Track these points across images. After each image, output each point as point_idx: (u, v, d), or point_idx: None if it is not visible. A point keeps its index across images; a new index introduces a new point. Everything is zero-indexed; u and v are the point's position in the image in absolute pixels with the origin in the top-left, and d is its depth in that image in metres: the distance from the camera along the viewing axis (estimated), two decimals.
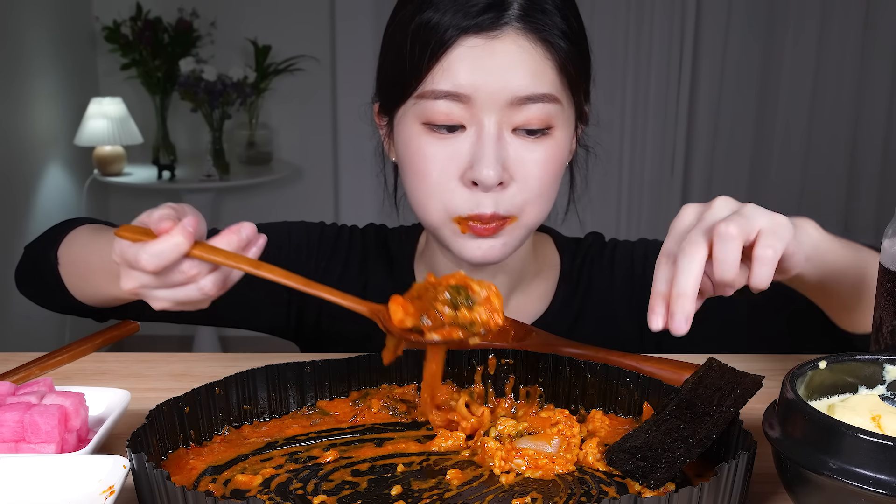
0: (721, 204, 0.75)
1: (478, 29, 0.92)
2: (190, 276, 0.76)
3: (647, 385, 0.79)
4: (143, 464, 0.62)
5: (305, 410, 0.82)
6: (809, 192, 4.09)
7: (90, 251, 0.99)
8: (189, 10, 3.69)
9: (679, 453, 0.68)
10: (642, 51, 3.94)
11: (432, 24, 0.93)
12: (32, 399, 0.75)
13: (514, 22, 0.93)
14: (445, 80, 0.93)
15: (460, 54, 0.92)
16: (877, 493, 0.56)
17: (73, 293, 1.03)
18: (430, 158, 0.96)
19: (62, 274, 1.03)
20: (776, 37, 3.93)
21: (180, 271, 0.75)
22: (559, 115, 0.96)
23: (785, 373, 0.67)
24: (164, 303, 0.79)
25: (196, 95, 3.57)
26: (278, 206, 3.98)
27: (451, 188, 0.96)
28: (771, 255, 0.71)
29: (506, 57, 0.92)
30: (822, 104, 3.99)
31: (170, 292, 0.77)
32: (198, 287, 0.77)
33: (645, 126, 4.03)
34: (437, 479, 0.70)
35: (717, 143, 4.06)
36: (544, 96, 0.94)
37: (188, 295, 0.77)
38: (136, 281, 0.77)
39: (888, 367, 0.71)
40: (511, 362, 0.85)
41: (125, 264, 0.77)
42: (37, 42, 3.31)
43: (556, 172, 0.99)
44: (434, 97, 0.93)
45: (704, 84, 3.98)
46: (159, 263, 0.74)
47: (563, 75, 0.96)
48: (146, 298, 0.79)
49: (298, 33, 3.85)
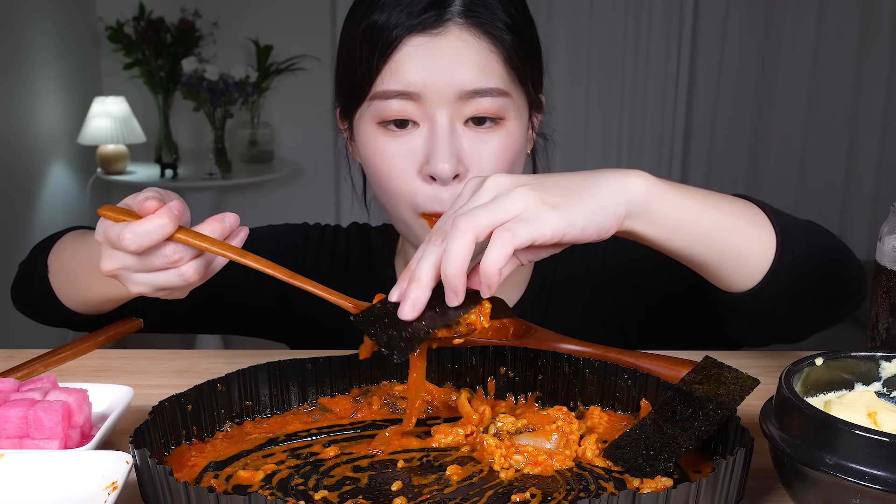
0: (481, 189, 0.71)
1: (422, 27, 0.94)
2: (172, 261, 0.75)
3: (645, 382, 0.80)
4: (146, 460, 0.62)
5: (307, 407, 0.82)
6: (806, 189, 4.10)
7: (78, 253, 0.99)
8: (191, 10, 3.70)
9: (676, 449, 0.68)
10: (640, 48, 3.94)
11: (378, 26, 0.95)
12: (36, 395, 0.75)
13: (457, 18, 0.95)
14: (395, 81, 0.95)
15: (407, 54, 0.94)
16: (873, 489, 0.57)
17: (63, 301, 1.03)
18: (387, 156, 0.97)
19: (52, 282, 1.03)
20: (774, 32, 3.93)
21: (162, 254, 0.75)
22: (509, 107, 0.98)
23: (781, 370, 0.67)
24: (143, 287, 0.78)
25: (198, 95, 3.58)
26: (280, 204, 3.99)
27: (413, 185, 0.97)
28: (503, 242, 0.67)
29: (451, 53, 0.94)
30: (820, 100, 4.00)
31: (150, 276, 0.77)
32: (179, 272, 0.76)
33: (643, 121, 4.03)
34: (437, 475, 0.70)
35: (714, 138, 4.07)
36: (492, 90, 0.95)
37: (168, 280, 0.77)
38: (118, 262, 0.76)
39: (884, 363, 0.71)
40: (511, 375, 0.85)
41: (107, 244, 0.76)
42: (41, 42, 3.32)
43: (511, 162, 0.99)
44: (385, 97, 0.95)
45: (702, 80, 3.99)
46: (142, 243, 0.73)
47: (510, 67, 0.97)
48: (125, 282, 0.78)
49: (300, 33, 3.86)
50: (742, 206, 0.83)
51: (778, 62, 3.96)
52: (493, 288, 0.70)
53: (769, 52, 3.96)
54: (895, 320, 0.77)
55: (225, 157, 3.72)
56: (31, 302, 1.09)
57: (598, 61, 3.92)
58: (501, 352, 0.85)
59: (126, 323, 1.08)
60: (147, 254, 0.75)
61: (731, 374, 0.73)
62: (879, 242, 0.79)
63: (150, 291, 0.79)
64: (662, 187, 0.76)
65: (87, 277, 0.97)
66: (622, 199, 0.74)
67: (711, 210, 0.80)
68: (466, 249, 0.68)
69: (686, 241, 0.79)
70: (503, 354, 0.85)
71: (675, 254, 0.81)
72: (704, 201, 0.79)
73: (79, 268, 0.99)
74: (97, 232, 0.78)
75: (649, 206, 0.75)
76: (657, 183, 0.76)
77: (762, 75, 3.99)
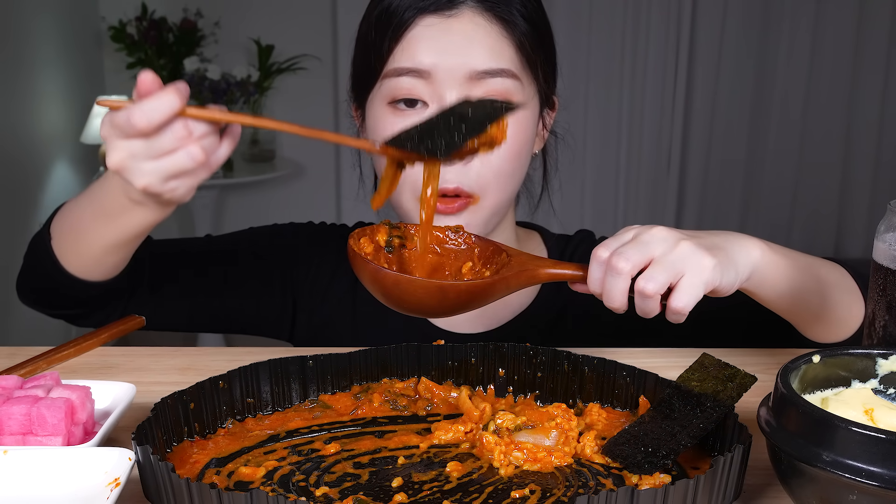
0: (631, 233, 0.80)
1: (435, 8, 0.96)
2: (181, 137, 0.74)
3: (644, 379, 0.80)
4: (149, 456, 0.63)
5: (308, 404, 0.83)
6: (803, 190, 4.10)
7: (79, 202, 0.97)
8: (193, 10, 3.71)
9: (675, 446, 0.69)
10: (639, 50, 3.94)
11: (392, 9, 0.98)
12: (39, 392, 0.75)
13: (470, 1, 0.97)
14: (406, 59, 0.97)
15: (418, 33, 0.97)
16: (869, 485, 0.57)
17: (67, 266, 0.99)
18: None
19: (55, 247, 0.99)
20: (771, 35, 3.93)
21: (171, 132, 0.73)
22: (519, 92, 0.99)
23: (779, 367, 0.67)
24: (151, 177, 0.76)
25: (200, 94, 3.59)
26: (281, 202, 4.00)
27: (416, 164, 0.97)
28: (651, 288, 0.76)
29: (463, 34, 0.96)
30: (817, 102, 4.00)
31: (158, 163, 0.75)
32: (188, 152, 0.75)
33: (641, 124, 4.03)
34: (438, 471, 0.71)
35: (712, 140, 4.07)
36: (503, 71, 0.97)
37: (177, 163, 0.75)
38: (124, 150, 0.75)
39: (881, 361, 0.71)
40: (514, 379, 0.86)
41: (113, 133, 0.75)
42: (44, 42, 3.32)
43: (518, 150, 1.01)
44: (397, 74, 0.97)
45: (700, 82, 3.99)
46: (151, 120, 0.72)
47: (522, 53, 0.99)
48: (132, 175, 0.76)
49: (301, 33, 3.86)
50: (837, 275, 0.95)
51: (775, 64, 3.97)
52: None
53: (766, 53, 3.96)
54: (892, 318, 0.77)
55: None
56: (36, 287, 1.06)
57: (596, 66, 3.92)
58: (501, 350, 0.86)
59: (129, 321, 1.08)
60: (155, 134, 0.73)
61: (729, 371, 0.73)
62: (876, 241, 0.79)
63: (157, 183, 0.76)
64: (775, 257, 0.87)
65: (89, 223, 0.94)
66: (748, 262, 0.83)
67: (812, 279, 0.91)
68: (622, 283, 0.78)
69: (787, 302, 0.91)
70: (502, 353, 0.86)
71: (777, 311, 0.93)
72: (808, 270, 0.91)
73: (80, 215, 0.96)
74: (101, 128, 0.76)
75: (764, 272, 0.85)
76: (770, 252, 0.86)
77: (759, 77, 3.99)
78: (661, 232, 0.79)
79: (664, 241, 0.78)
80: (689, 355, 0.89)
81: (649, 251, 0.77)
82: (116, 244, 0.95)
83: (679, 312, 0.78)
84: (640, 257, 0.77)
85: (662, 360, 0.96)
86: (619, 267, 0.77)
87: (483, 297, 0.81)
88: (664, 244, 0.78)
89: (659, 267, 0.77)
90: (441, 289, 0.79)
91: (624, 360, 0.84)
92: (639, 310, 0.79)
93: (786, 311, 0.93)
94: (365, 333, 1.13)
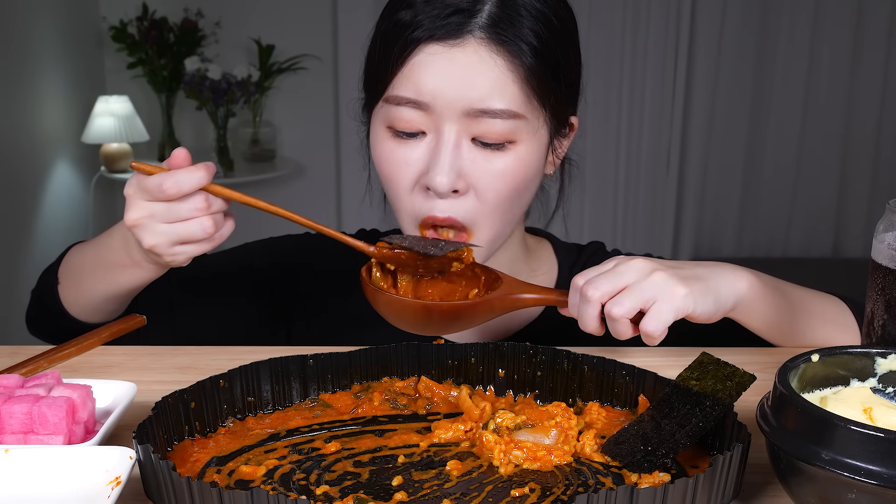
0: (612, 263, 0.88)
1: (441, 35, 0.91)
2: (199, 209, 0.84)
3: (643, 378, 0.80)
4: (149, 455, 0.63)
5: (308, 403, 0.83)
6: (802, 190, 4.10)
7: (84, 251, 1.04)
8: (194, 10, 3.71)
9: (674, 444, 0.69)
10: (638, 51, 3.94)
11: (401, 25, 0.93)
12: (40, 391, 0.76)
13: (478, 31, 0.91)
14: (407, 88, 0.93)
15: (421, 61, 0.92)
16: (868, 484, 0.57)
17: (70, 311, 1.05)
18: (391, 162, 0.97)
19: (61, 292, 1.05)
20: (770, 35, 3.93)
21: (192, 202, 0.85)
22: (522, 130, 0.94)
23: (778, 366, 0.68)
24: (161, 238, 0.85)
25: (201, 94, 3.59)
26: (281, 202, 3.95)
27: (412, 192, 0.97)
28: (616, 312, 0.84)
29: (466, 66, 0.91)
30: (816, 102, 4.00)
31: (172, 227, 0.85)
32: (200, 222, 0.85)
33: (640, 124, 4.03)
34: (438, 470, 0.71)
35: (711, 141, 4.07)
36: (503, 112, 0.92)
37: (188, 230, 0.85)
38: (145, 210, 0.84)
39: (879, 359, 0.72)
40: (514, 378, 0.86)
41: (138, 194, 0.85)
42: (45, 42, 3.33)
43: (516, 187, 0.96)
44: (397, 103, 0.94)
45: (699, 83, 3.99)
46: (180, 189, 0.83)
47: (528, 86, 0.93)
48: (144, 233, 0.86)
49: (301, 33, 3.86)
50: (835, 311, 0.99)
51: (774, 63, 3.96)
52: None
53: (765, 51, 3.96)
54: (890, 317, 0.77)
55: (227, 155, 3.73)
56: (42, 324, 1.11)
57: (596, 66, 3.92)
58: (500, 349, 0.86)
59: (129, 320, 1.08)
60: (177, 202, 0.84)
61: (728, 370, 0.73)
62: (875, 240, 0.79)
63: (164, 245, 0.86)
64: (764, 290, 0.90)
65: (90, 273, 1.00)
66: (732, 293, 0.88)
67: (803, 313, 0.95)
68: (592, 309, 0.87)
69: (776, 333, 0.96)
70: (502, 353, 0.86)
71: (766, 339, 0.98)
72: (800, 304, 0.95)
73: (83, 262, 1.02)
74: (127, 186, 0.86)
75: (750, 304, 0.90)
76: (759, 285, 0.90)
77: (759, 75, 3.99)
78: (638, 263, 0.86)
79: (639, 271, 0.85)
80: (688, 354, 0.89)
81: (622, 280, 0.85)
82: (112, 296, 1.02)
83: (649, 335, 0.85)
84: (609, 286, 0.85)
85: (662, 359, 0.96)
86: (589, 294, 0.86)
87: (468, 317, 0.92)
88: (638, 274, 0.85)
89: (628, 294, 0.84)
90: (426, 308, 0.91)
91: (623, 358, 0.84)
92: (612, 331, 0.87)
93: (775, 340, 0.98)
94: (365, 333, 1.13)
